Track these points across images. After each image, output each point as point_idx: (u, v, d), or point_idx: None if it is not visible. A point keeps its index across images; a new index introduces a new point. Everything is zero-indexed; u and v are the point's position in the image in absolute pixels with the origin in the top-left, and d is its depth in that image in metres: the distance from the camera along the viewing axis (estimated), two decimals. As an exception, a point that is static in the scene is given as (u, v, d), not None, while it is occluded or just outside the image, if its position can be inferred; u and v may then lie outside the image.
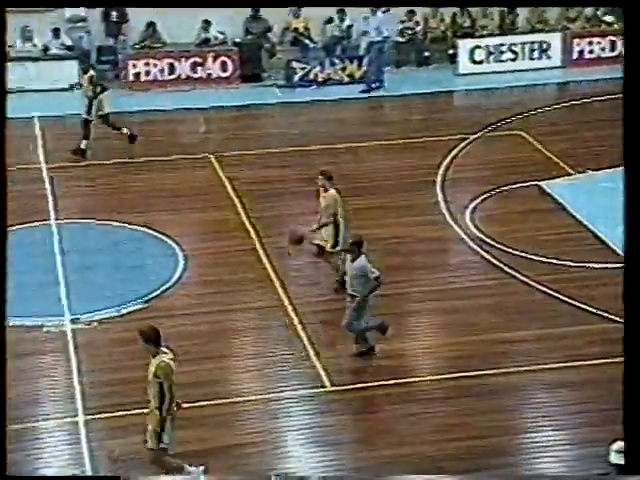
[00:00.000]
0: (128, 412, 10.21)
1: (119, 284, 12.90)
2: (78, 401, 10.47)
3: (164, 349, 8.70)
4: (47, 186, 15.93)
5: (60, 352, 11.49)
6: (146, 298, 12.57)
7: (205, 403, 10.50)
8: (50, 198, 15.46)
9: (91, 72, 17.16)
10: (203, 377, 10.98)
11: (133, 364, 10.97)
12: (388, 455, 9.74)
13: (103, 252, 13.78)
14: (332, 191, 12.37)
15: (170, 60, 20.87)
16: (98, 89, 16.92)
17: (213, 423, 10.24)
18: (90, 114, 16.92)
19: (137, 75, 20.79)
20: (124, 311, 12.27)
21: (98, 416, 10.02)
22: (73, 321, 12.04)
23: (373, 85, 20.63)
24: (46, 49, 20.70)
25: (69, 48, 20.82)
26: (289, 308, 12.33)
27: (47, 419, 10.37)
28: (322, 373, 11.04)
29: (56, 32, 20.73)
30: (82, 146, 17.03)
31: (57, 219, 14.74)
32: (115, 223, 14.60)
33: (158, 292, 12.71)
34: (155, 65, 20.84)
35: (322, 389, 10.82)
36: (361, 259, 10.90)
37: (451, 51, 22.12)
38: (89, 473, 9.46)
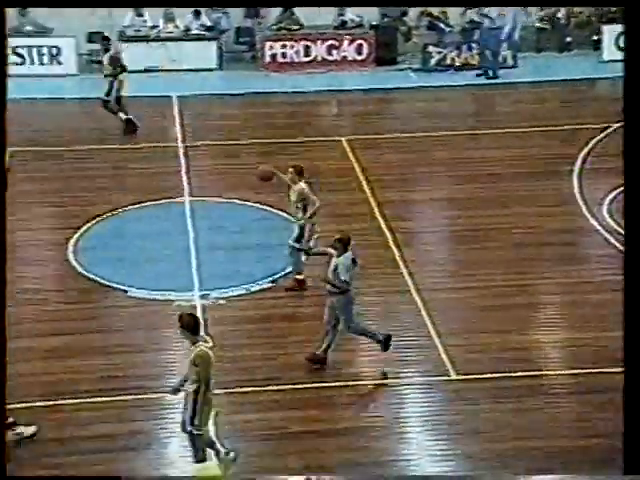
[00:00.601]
0: (255, 388, 10.38)
1: (249, 262, 13.06)
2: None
3: (205, 337, 8.74)
4: (182, 164, 16.28)
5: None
6: (274, 277, 12.70)
7: (326, 385, 10.53)
8: (184, 176, 15.81)
9: (111, 52, 17.22)
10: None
11: (261, 342, 11.16)
12: (508, 448, 9.54)
13: (234, 230, 13.98)
14: (301, 185, 12.07)
15: (306, 42, 20.97)
16: (118, 70, 16.98)
17: (334, 405, 10.26)
18: (110, 95, 17.04)
19: (273, 56, 20.98)
20: (252, 289, 12.43)
21: (224, 391, 10.14)
22: (203, 297, 12.27)
23: (489, 71, 20.27)
24: (187, 30, 21.13)
25: (209, 29, 21.21)
26: (415, 294, 12.22)
27: (174, 391, 10.57)
28: (447, 361, 10.91)
29: (197, 13, 21.15)
30: (123, 117, 17.03)
31: (191, 197, 15.05)
32: (247, 202, 14.79)
33: (286, 272, 12.81)
34: (292, 47, 20.98)
35: (446, 377, 10.69)
36: (345, 257, 10.53)
37: (595, 37, 21.40)
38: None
